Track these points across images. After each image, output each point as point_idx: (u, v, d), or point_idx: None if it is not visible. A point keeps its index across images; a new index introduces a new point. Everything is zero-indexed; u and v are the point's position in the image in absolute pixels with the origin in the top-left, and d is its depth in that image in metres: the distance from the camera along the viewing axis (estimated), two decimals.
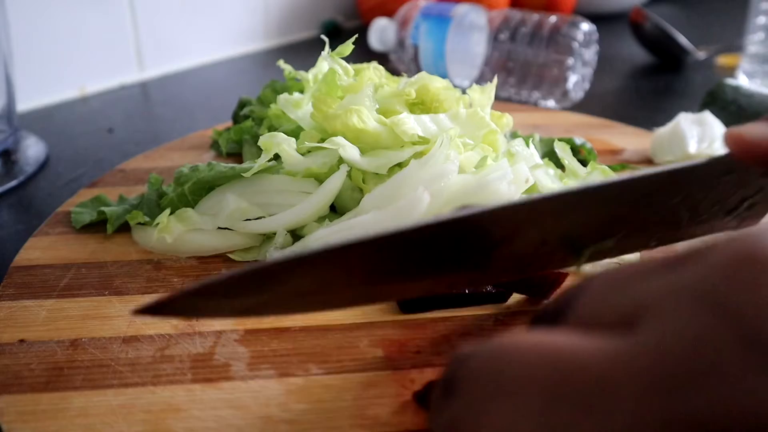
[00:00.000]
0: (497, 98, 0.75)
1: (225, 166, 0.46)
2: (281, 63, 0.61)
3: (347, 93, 0.47)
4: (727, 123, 0.60)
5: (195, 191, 0.46)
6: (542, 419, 0.16)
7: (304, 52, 1.09)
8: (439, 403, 0.20)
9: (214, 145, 0.64)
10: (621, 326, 0.17)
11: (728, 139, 0.27)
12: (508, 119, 0.51)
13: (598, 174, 0.50)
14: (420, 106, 0.49)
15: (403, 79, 0.51)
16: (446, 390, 0.20)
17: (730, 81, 0.65)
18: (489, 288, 0.38)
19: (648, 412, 0.15)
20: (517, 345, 0.18)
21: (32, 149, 0.67)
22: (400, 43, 0.87)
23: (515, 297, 0.39)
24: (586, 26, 0.75)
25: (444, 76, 0.71)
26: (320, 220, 0.45)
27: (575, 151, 0.56)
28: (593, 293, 0.19)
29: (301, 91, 0.57)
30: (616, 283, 0.19)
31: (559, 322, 0.20)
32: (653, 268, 0.18)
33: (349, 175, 0.45)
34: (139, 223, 0.47)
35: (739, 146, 0.26)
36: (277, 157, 0.47)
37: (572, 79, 0.75)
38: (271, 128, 0.55)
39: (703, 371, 0.14)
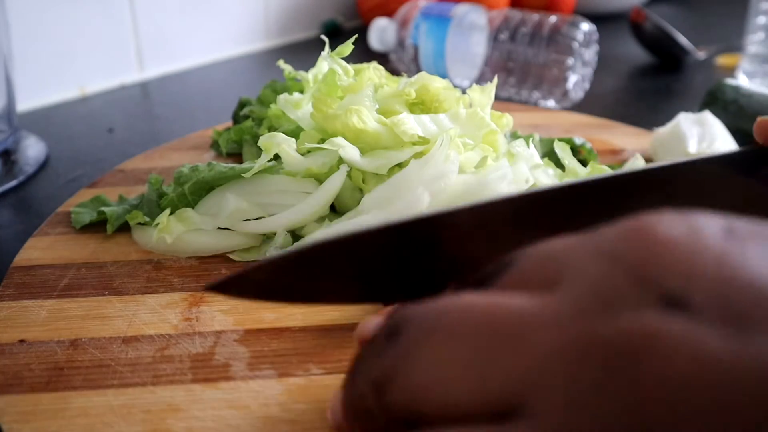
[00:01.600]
0: (497, 98, 0.75)
1: (225, 166, 0.46)
2: (281, 63, 0.61)
3: (347, 93, 0.47)
4: (727, 123, 0.60)
5: (195, 191, 0.46)
6: (472, 360, 0.19)
7: (304, 52, 1.09)
8: (368, 353, 0.22)
9: (214, 145, 0.64)
10: (545, 288, 0.20)
11: (758, 128, 0.29)
12: (508, 119, 0.51)
13: (598, 174, 0.50)
14: (420, 106, 0.49)
15: (403, 79, 0.51)
16: (384, 340, 0.22)
17: (730, 81, 0.65)
18: None
19: (562, 340, 0.18)
20: (455, 300, 0.21)
21: (32, 149, 0.67)
22: (400, 43, 0.87)
23: None
24: (586, 26, 0.75)
25: (444, 76, 0.71)
26: (320, 220, 0.45)
27: (575, 151, 0.56)
28: (523, 261, 0.22)
29: (301, 91, 0.57)
30: (545, 253, 0.22)
31: (491, 285, 0.23)
32: (576, 241, 0.21)
33: (349, 175, 0.45)
34: (139, 223, 0.47)
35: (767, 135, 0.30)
36: (277, 157, 0.47)
37: (572, 79, 0.75)
38: (271, 128, 0.55)
39: (606, 305, 0.18)
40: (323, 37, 0.55)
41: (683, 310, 0.17)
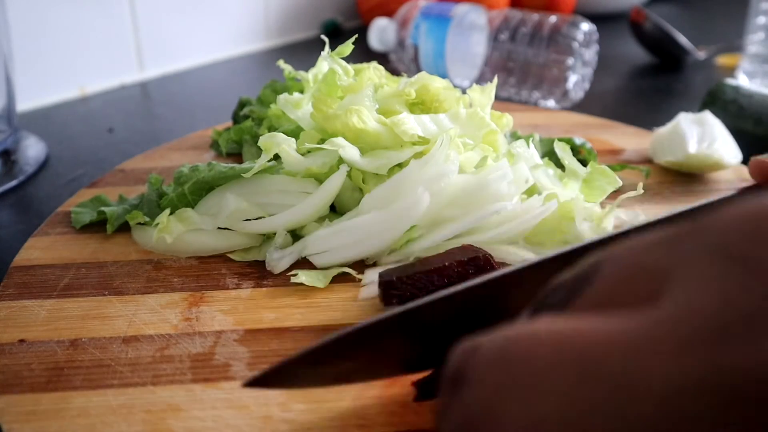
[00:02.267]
0: (497, 98, 0.75)
1: (225, 166, 0.46)
2: (281, 63, 0.61)
3: (347, 93, 0.47)
4: (727, 123, 0.60)
5: (195, 191, 0.46)
6: (569, 408, 0.15)
7: (304, 52, 1.09)
8: (447, 399, 0.19)
9: (214, 145, 0.64)
10: (644, 303, 0.16)
11: (753, 168, 0.27)
12: (508, 119, 0.51)
13: (598, 174, 0.50)
14: (420, 106, 0.49)
15: (403, 79, 0.51)
16: (455, 384, 0.19)
17: (730, 81, 0.65)
18: None
19: (681, 375, 0.14)
20: (531, 333, 0.17)
21: (32, 149, 0.67)
22: (400, 43, 0.87)
23: None
24: (586, 26, 0.75)
25: (444, 76, 0.71)
26: (320, 220, 0.45)
27: (575, 151, 0.56)
28: (609, 270, 0.18)
29: (301, 91, 0.57)
30: (633, 257, 0.18)
31: (571, 304, 0.19)
32: (669, 238, 0.17)
33: (349, 175, 0.45)
34: (139, 223, 0.47)
35: (763, 174, 0.27)
36: (277, 157, 0.47)
37: (572, 79, 0.75)
38: (271, 128, 0.55)
39: (736, 324, 0.14)
40: (323, 37, 0.55)
41: None
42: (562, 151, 0.51)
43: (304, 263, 0.44)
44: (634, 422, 0.14)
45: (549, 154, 0.54)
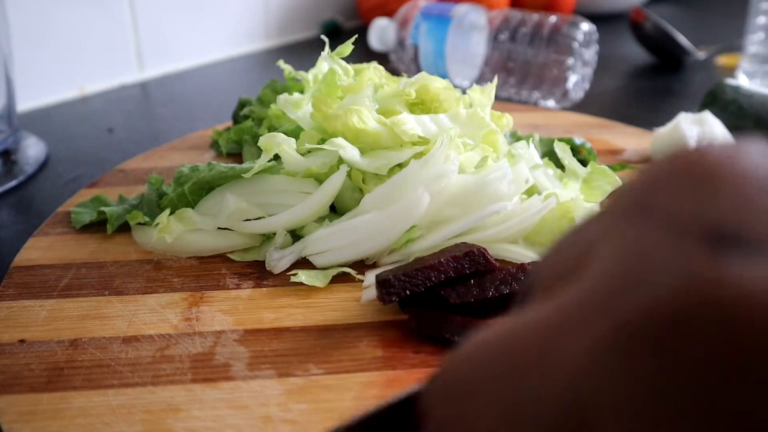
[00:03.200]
0: (497, 98, 0.75)
1: (225, 166, 0.46)
2: (281, 63, 0.61)
3: (347, 93, 0.47)
4: (727, 123, 0.60)
5: (195, 191, 0.46)
6: (502, 409, 0.15)
7: (304, 52, 1.09)
8: None
9: (214, 145, 0.64)
10: (569, 282, 0.16)
11: None
12: (508, 119, 0.51)
13: (598, 174, 0.50)
14: (420, 106, 0.49)
15: (403, 79, 0.51)
16: (424, 419, 0.18)
17: (730, 81, 0.65)
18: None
19: (593, 341, 0.13)
20: (466, 349, 0.17)
21: (32, 149, 0.67)
22: (400, 43, 0.87)
23: None
24: (586, 26, 0.75)
25: (444, 76, 0.71)
26: (320, 220, 0.45)
27: (575, 151, 0.56)
28: (546, 263, 0.18)
29: (301, 92, 0.57)
30: (564, 244, 0.18)
31: (527, 301, 0.19)
32: (593, 218, 0.17)
33: (349, 175, 0.45)
34: (139, 223, 0.47)
35: None
36: (277, 157, 0.47)
37: (572, 79, 0.75)
38: (271, 128, 0.55)
39: (640, 270, 0.14)
40: (323, 37, 0.55)
41: (739, 247, 0.13)
42: (562, 151, 0.51)
43: (304, 263, 0.44)
44: (560, 396, 0.14)
45: (549, 154, 0.54)
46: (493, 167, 0.44)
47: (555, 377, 0.14)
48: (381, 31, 0.91)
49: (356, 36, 0.56)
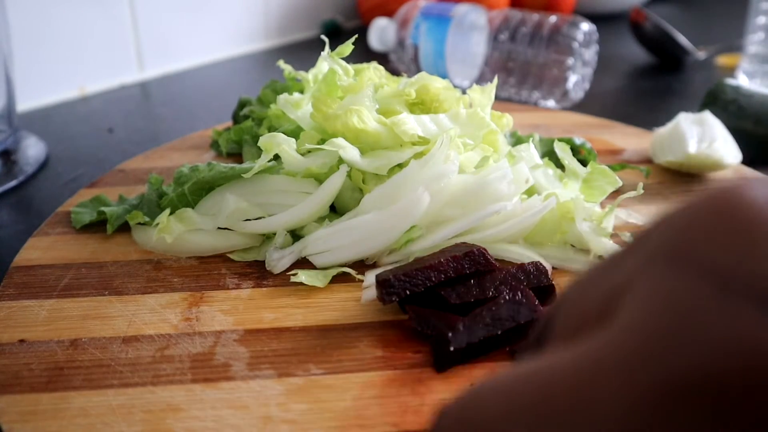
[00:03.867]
0: (497, 98, 0.75)
1: (225, 166, 0.46)
2: (281, 63, 0.61)
3: (347, 93, 0.47)
4: (727, 123, 0.60)
5: (195, 191, 0.46)
6: None
7: (304, 52, 1.09)
8: None
9: (214, 145, 0.64)
10: (598, 326, 0.16)
11: None
12: (508, 119, 0.51)
13: (598, 174, 0.50)
14: (420, 106, 0.49)
15: (403, 79, 0.51)
16: None
17: (730, 81, 0.65)
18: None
19: (632, 391, 0.13)
20: (487, 387, 0.16)
21: (32, 149, 0.67)
22: (400, 43, 0.87)
23: None
24: (586, 26, 0.75)
25: (444, 76, 0.71)
26: (320, 220, 0.45)
27: (575, 151, 0.56)
28: (568, 304, 0.18)
29: (301, 92, 0.57)
30: (588, 283, 0.17)
31: (543, 346, 0.19)
32: (618, 257, 0.17)
33: (349, 175, 0.45)
34: (139, 223, 0.47)
35: None
36: (277, 157, 0.47)
37: (572, 79, 0.75)
38: (271, 128, 0.55)
39: (681, 329, 0.13)
40: (323, 37, 0.55)
41: None
42: (562, 151, 0.51)
43: (304, 263, 0.44)
44: None
45: (549, 154, 0.54)
46: (493, 167, 0.44)
47: (593, 424, 0.14)
48: (381, 31, 0.91)
49: (356, 36, 0.56)
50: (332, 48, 0.52)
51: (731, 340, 0.13)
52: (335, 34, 1.19)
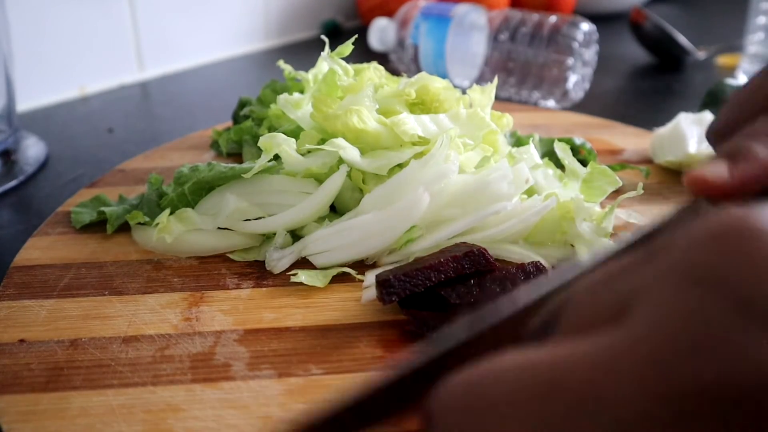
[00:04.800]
0: (497, 98, 0.75)
1: (225, 166, 0.46)
2: (281, 63, 0.61)
3: (347, 93, 0.47)
4: None
5: (195, 191, 0.46)
6: (532, 430, 0.15)
7: (304, 52, 1.09)
8: None
9: (214, 145, 0.64)
10: (610, 322, 0.16)
11: (690, 183, 0.26)
12: (508, 119, 0.51)
13: (598, 174, 0.50)
14: (420, 106, 0.49)
15: (403, 79, 0.51)
16: (427, 424, 0.18)
17: (730, 81, 0.65)
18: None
19: (649, 396, 0.14)
20: (495, 364, 0.17)
21: (32, 149, 0.67)
22: (400, 43, 0.87)
23: None
24: (586, 26, 0.75)
25: (444, 76, 0.71)
26: (320, 220, 0.45)
27: (575, 151, 0.56)
28: (579, 298, 0.19)
29: (301, 92, 0.57)
30: (601, 283, 0.18)
31: (547, 336, 0.19)
32: (635, 261, 0.18)
33: (349, 175, 0.45)
34: (139, 223, 0.47)
35: (700, 188, 0.26)
36: (277, 157, 0.47)
37: (572, 79, 0.75)
38: (271, 128, 0.55)
39: (701, 343, 0.14)
40: (323, 37, 0.55)
41: None
42: (562, 151, 0.51)
43: (304, 263, 0.44)
44: None
45: (549, 154, 0.54)
46: (493, 167, 0.44)
47: (603, 416, 0.14)
48: (381, 31, 0.91)
49: (356, 36, 0.56)
50: (332, 48, 0.52)
51: (748, 357, 0.13)
52: (335, 34, 1.19)
